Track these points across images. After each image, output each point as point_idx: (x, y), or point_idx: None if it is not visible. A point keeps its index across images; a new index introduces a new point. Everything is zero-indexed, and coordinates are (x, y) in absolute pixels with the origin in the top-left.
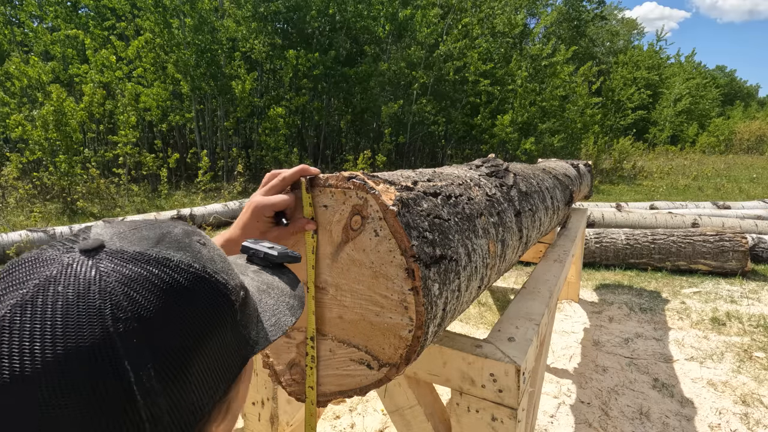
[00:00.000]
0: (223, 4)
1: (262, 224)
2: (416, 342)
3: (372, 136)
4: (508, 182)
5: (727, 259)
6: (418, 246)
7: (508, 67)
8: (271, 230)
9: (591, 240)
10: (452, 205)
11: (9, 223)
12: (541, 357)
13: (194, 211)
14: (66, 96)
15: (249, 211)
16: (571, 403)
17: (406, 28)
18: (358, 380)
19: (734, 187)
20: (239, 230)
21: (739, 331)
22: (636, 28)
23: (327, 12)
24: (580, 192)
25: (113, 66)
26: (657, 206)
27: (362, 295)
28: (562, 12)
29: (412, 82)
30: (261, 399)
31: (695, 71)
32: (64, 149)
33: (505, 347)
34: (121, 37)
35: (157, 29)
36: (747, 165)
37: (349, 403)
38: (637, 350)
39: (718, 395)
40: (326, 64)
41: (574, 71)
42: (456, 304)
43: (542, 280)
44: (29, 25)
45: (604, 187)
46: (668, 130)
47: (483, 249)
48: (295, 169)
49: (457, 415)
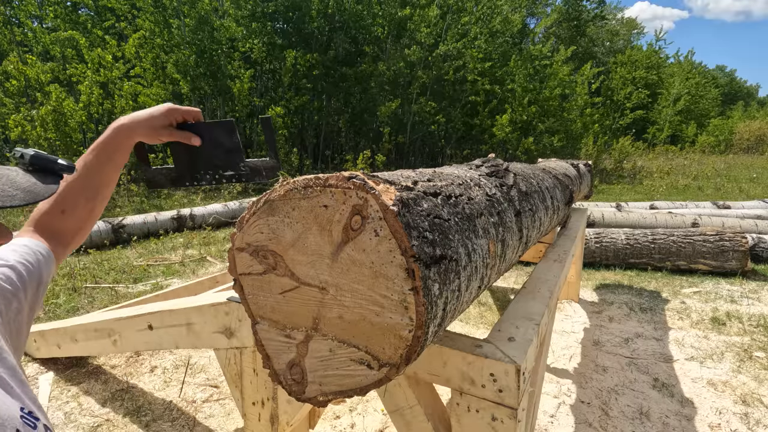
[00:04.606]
0: (223, 4)
1: (167, 120)
2: (416, 342)
3: (371, 136)
4: (508, 182)
5: (727, 258)
6: (418, 246)
7: (507, 66)
8: (167, 128)
9: (591, 240)
10: (452, 205)
11: (9, 223)
12: (541, 357)
13: (194, 211)
14: (65, 96)
15: (164, 107)
16: (571, 403)
17: (405, 27)
18: (359, 380)
19: (734, 187)
20: (146, 114)
21: (739, 330)
22: (636, 27)
23: (326, 12)
24: (580, 192)
25: (109, 65)
26: (657, 206)
27: (362, 295)
28: (562, 12)
29: (412, 81)
30: (261, 399)
31: (695, 71)
32: (63, 149)
33: (505, 347)
34: (121, 37)
35: (156, 29)
36: (747, 165)
37: (349, 403)
38: (637, 350)
39: (718, 395)
40: (325, 64)
41: (573, 71)
42: (456, 304)
43: (542, 280)
44: (29, 25)
45: (603, 187)
46: (667, 130)
47: (483, 249)
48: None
49: (457, 415)
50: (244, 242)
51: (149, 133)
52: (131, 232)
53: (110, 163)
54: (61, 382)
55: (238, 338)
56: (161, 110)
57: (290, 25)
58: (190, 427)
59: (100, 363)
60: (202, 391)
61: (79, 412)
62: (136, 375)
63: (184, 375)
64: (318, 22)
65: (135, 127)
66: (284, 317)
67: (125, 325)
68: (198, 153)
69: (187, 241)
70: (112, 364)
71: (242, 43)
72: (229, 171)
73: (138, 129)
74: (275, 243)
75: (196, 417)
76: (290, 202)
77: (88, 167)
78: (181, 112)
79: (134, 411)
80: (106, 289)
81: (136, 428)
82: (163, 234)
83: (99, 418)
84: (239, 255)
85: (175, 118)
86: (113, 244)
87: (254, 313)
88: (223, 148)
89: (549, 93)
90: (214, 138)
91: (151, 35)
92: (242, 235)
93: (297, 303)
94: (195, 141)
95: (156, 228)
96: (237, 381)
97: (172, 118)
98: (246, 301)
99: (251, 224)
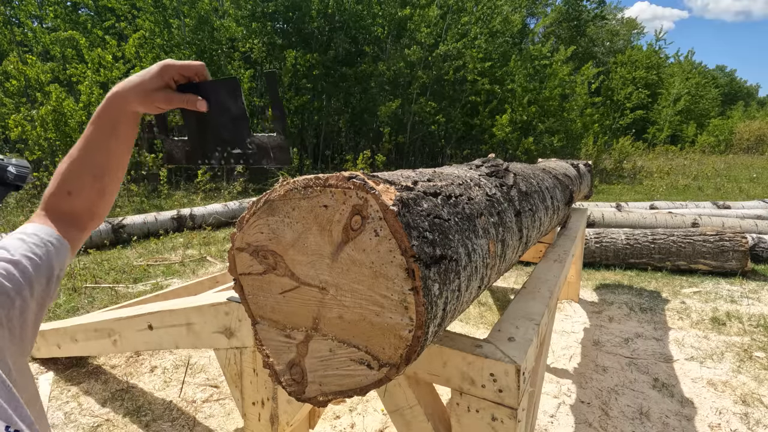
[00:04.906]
0: (223, 4)
1: (161, 80)
2: (416, 342)
3: (371, 136)
4: (508, 182)
5: (727, 258)
6: (418, 246)
7: (507, 67)
8: (165, 90)
9: (591, 240)
10: (452, 205)
11: (9, 223)
12: (541, 357)
13: (194, 211)
14: (65, 96)
15: (157, 65)
16: (571, 403)
17: (405, 27)
18: (359, 380)
19: (734, 187)
20: (138, 76)
21: (739, 330)
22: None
23: (326, 12)
24: (580, 192)
25: (110, 65)
26: (657, 206)
27: (362, 295)
28: (562, 12)
29: (412, 81)
30: (261, 399)
31: (695, 71)
32: (63, 149)
33: (505, 347)
34: (121, 37)
35: (156, 29)
36: (747, 165)
37: (349, 403)
38: (637, 350)
39: (718, 395)
40: (325, 64)
41: (574, 71)
42: (456, 304)
43: (542, 280)
44: (29, 25)
45: (603, 187)
46: (667, 130)
47: (483, 249)
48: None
49: (457, 415)
50: (244, 242)
51: (142, 99)
52: (131, 232)
53: (113, 136)
54: (61, 382)
55: (238, 338)
56: (153, 70)
57: (290, 25)
58: (190, 427)
59: (100, 363)
60: (202, 391)
61: (79, 412)
62: (136, 375)
63: (184, 375)
64: (318, 22)
65: (126, 94)
66: (284, 317)
67: (125, 325)
68: (207, 122)
69: (187, 241)
70: (112, 364)
71: (242, 43)
72: (236, 149)
73: (130, 95)
74: (275, 243)
75: (196, 417)
76: (290, 202)
77: (89, 141)
78: (176, 67)
79: (134, 411)
80: (106, 289)
81: (136, 428)
82: (163, 234)
83: (99, 418)
84: (239, 255)
85: (172, 77)
86: (113, 244)
87: (254, 313)
88: (229, 114)
89: (549, 93)
90: (221, 102)
91: (151, 35)
92: (242, 235)
93: (297, 303)
94: (201, 106)
95: (156, 228)
96: (237, 381)
97: (168, 78)
98: (246, 301)
99: (251, 224)
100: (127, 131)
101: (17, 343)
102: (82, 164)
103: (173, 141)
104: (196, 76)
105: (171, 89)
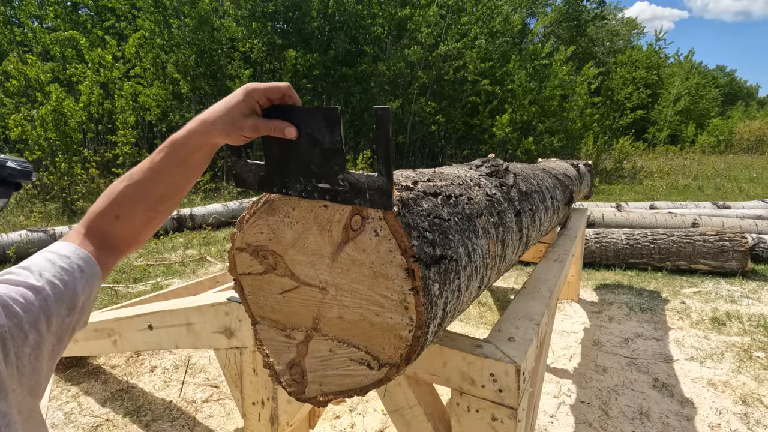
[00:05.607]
0: (223, 4)
1: (246, 106)
2: (416, 342)
3: (372, 136)
4: (508, 182)
5: (727, 259)
6: (418, 246)
7: (507, 66)
8: (252, 115)
9: (591, 240)
10: (452, 205)
11: (9, 223)
12: (541, 357)
13: (194, 211)
14: (65, 96)
15: (241, 89)
16: (571, 403)
17: (405, 27)
18: (359, 380)
19: (734, 187)
20: (223, 104)
21: (739, 331)
22: (636, 27)
23: (326, 12)
24: (580, 192)
25: (110, 65)
26: (657, 206)
27: (362, 295)
28: (562, 12)
29: (412, 81)
30: (261, 399)
31: (695, 71)
32: (63, 149)
33: (505, 347)
34: (121, 37)
35: (156, 29)
36: (747, 165)
37: (349, 403)
38: (637, 350)
39: (718, 395)
40: (326, 64)
41: (574, 72)
42: (456, 304)
43: (542, 280)
44: (29, 25)
45: (603, 187)
46: (667, 130)
47: (483, 249)
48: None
49: (457, 415)
50: (244, 242)
51: (228, 129)
52: None
53: (182, 167)
54: (61, 382)
55: (238, 338)
56: (238, 95)
57: (290, 25)
58: (190, 427)
59: (100, 363)
60: (202, 391)
61: (79, 412)
62: (136, 375)
63: (184, 375)
64: (318, 22)
65: (213, 122)
66: (284, 317)
67: (125, 325)
68: (291, 149)
69: (187, 241)
70: (112, 364)
71: (242, 43)
72: (323, 182)
73: (217, 124)
74: (275, 243)
75: (196, 417)
76: (290, 202)
77: (155, 169)
78: (262, 90)
79: (134, 411)
80: (106, 289)
81: (136, 428)
82: (163, 234)
83: (99, 418)
84: (239, 255)
85: (257, 102)
86: None
87: (254, 313)
88: (320, 147)
89: (549, 93)
90: (314, 131)
91: (151, 35)
92: (242, 235)
93: (297, 303)
94: (290, 133)
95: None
96: (237, 381)
97: (253, 102)
98: (246, 301)
99: (251, 224)
100: (199, 162)
101: (26, 383)
102: (140, 191)
103: (246, 164)
104: (284, 99)
105: (257, 115)
